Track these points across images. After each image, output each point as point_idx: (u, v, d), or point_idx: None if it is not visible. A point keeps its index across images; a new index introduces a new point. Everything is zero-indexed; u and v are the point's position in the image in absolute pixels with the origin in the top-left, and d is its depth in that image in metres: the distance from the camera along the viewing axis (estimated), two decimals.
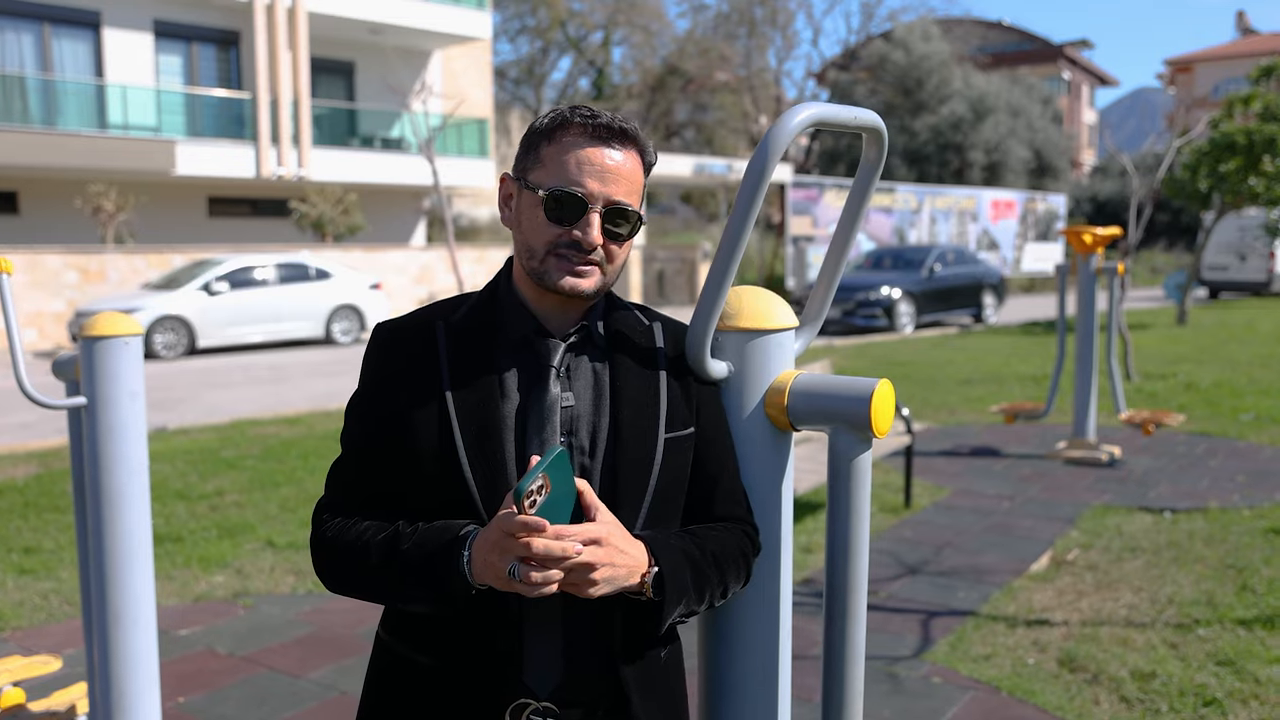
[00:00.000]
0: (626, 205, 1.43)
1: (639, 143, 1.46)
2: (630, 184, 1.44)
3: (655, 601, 1.37)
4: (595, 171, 1.41)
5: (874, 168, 1.62)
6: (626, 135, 1.44)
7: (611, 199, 1.42)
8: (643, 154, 1.47)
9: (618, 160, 1.42)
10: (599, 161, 1.41)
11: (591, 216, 1.41)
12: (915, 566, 5.18)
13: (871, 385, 1.50)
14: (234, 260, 16.59)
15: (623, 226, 1.43)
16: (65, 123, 19.85)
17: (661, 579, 1.36)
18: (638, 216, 1.45)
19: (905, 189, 28.65)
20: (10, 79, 19.50)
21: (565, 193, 1.40)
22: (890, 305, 18.31)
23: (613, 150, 1.42)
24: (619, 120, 1.43)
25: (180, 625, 4.47)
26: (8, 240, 19.54)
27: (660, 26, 44.90)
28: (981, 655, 4.08)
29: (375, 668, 1.50)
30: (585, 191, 1.40)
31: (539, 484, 1.23)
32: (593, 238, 1.40)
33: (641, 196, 1.49)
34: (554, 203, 1.41)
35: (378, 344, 1.50)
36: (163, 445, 8.28)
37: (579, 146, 1.42)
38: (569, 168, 1.41)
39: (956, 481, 6.95)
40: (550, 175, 1.42)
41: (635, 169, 1.45)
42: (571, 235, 1.41)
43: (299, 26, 22.03)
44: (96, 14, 20.56)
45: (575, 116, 1.43)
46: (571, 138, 1.42)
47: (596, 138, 1.42)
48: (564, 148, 1.42)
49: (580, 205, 1.40)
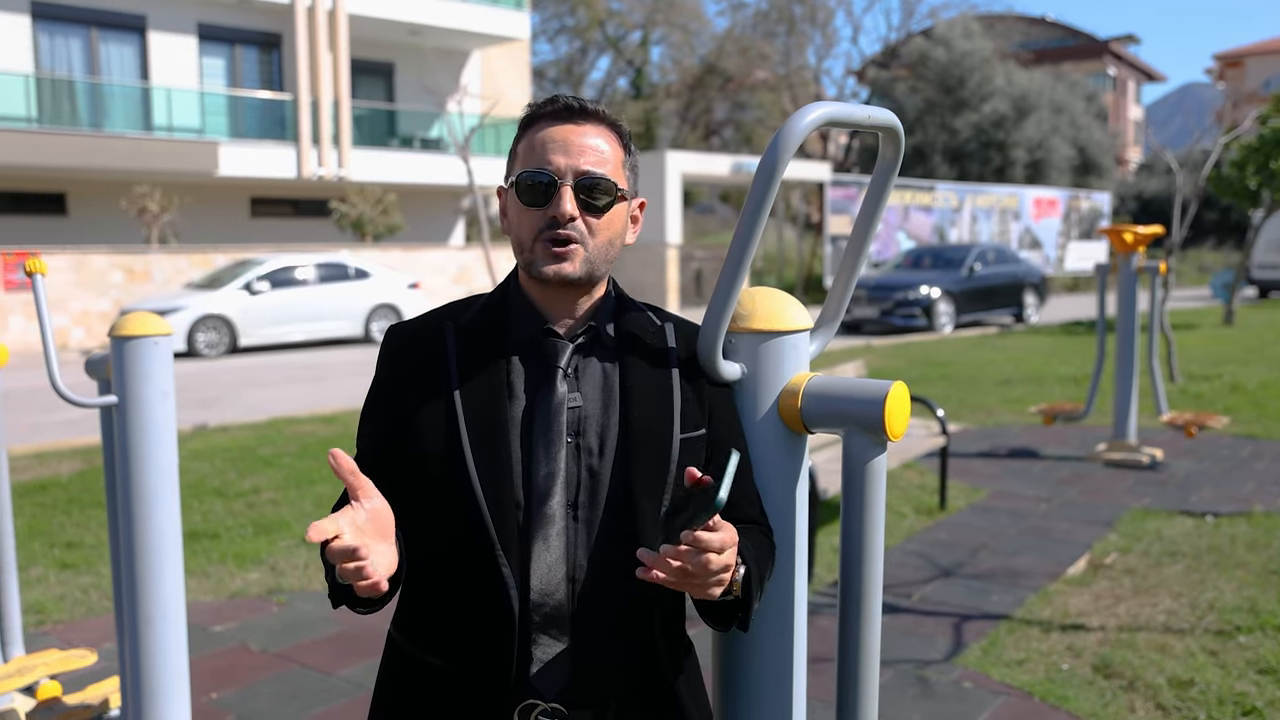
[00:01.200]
0: (598, 174, 1.41)
1: (608, 120, 1.46)
2: (601, 156, 1.43)
3: (743, 600, 1.38)
4: (559, 147, 1.41)
5: (891, 167, 1.60)
6: (588, 112, 1.44)
7: (579, 169, 1.41)
8: (617, 133, 1.47)
9: (583, 134, 1.42)
10: (562, 137, 1.42)
11: (563, 190, 1.41)
12: (949, 569, 5.13)
13: (885, 388, 1.48)
14: (275, 260, 16.78)
15: (599, 199, 1.42)
16: (112, 125, 20.19)
17: (749, 577, 1.37)
18: (616, 188, 1.43)
19: (946, 187, 28.38)
20: (59, 83, 19.86)
21: (533, 171, 1.41)
22: (929, 305, 18.14)
23: (576, 125, 1.43)
24: (580, 100, 1.44)
25: (215, 621, 4.52)
26: (56, 240, 19.90)
27: (699, 25, 44.85)
28: (1014, 660, 4.03)
29: (386, 667, 1.51)
30: (553, 167, 1.41)
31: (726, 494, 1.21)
32: (565, 209, 1.40)
33: (625, 174, 1.47)
34: (525, 184, 1.42)
35: (389, 346, 1.50)
36: (202, 443, 8.39)
37: (543, 129, 1.43)
38: (536, 151, 1.43)
39: (993, 483, 6.87)
40: (521, 164, 1.44)
41: (608, 145, 1.44)
42: (548, 213, 1.41)
43: (339, 28, 22.24)
44: (142, 18, 20.88)
45: (538, 107, 1.45)
46: (537, 125, 1.44)
47: (558, 118, 1.43)
48: (531, 137, 1.44)
49: (550, 180, 1.41)
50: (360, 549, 1.16)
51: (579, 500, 1.41)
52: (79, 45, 20.44)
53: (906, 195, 27.12)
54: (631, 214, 1.51)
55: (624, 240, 1.49)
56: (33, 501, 6.51)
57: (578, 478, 1.41)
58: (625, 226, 1.49)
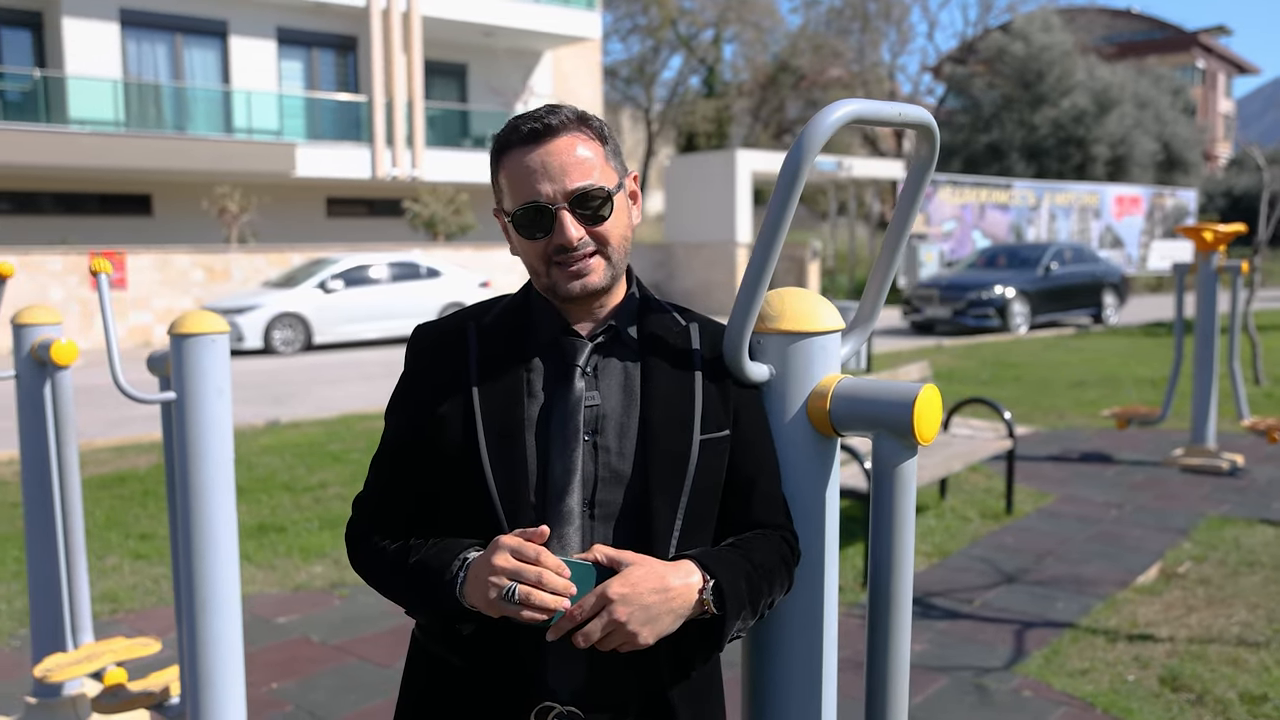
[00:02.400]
0: (586, 186, 1.40)
1: (575, 122, 1.43)
2: (582, 165, 1.41)
3: (717, 617, 1.35)
4: (542, 174, 1.39)
5: (926, 165, 1.56)
6: (554, 127, 1.41)
7: (569, 189, 1.40)
8: (588, 128, 1.44)
9: (559, 152, 1.40)
10: (541, 163, 1.40)
11: (561, 216, 1.39)
12: (1013, 575, 5.02)
13: (915, 391, 1.45)
14: (349, 259, 17.08)
15: (600, 207, 1.41)
16: (195, 128, 20.76)
17: (721, 590, 1.34)
18: (607, 191, 1.42)
19: (1023, 185, 27.81)
20: (146, 87, 20.48)
21: (525, 208, 1.40)
22: (1003, 305, 17.79)
23: (550, 145, 1.40)
24: (545, 116, 1.41)
25: (279, 613, 4.62)
26: (142, 240, 20.51)
27: (772, 23, 44.55)
28: (1078, 670, 3.93)
29: (410, 666, 1.52)
30: (543, 197, 1.39)
31: None
32: (570, 236, 1.39)
33: (611, 167, 1.45)
34: (522, 221, 1.41)
35: (414, 345, 1.52)
36: (274, 439, 8.58)
37: (519, 159, 1.41)
38: (519, 183, 1.41)
39: (1063, 488, 6.71)
40: (511, 197, 1.43)
41: (583, 149, 1.42)
42: (554, 242, 1.41)
43: (414, 30, 22.57)
44: (224, 23, 21.42)
45: (506, 134, 1.43)
46: (512, 154, 1.42)
47: (531, 142, 1.41)
48: (510, 167, 1.42)
49: (545, 212, 1.40)
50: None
51: (596, 498, 1.41)
52: (164, 51, 21.04)
53: (982, 193, 26.64)
54: (630, 193, 1.49)
55: (633, 225, 1.49)
56: (111, 494, 6.72)
57: (595, 476, 1.41)
58: (629, 212, 1.48)
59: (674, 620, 1.31)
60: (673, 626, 1.31)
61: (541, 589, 1.27)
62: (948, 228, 25.94)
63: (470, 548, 1.37)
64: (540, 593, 1.27)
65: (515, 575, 1.27)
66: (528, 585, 1.27)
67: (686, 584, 1.32)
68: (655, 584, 1.30)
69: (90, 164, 18.96)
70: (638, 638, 1.28)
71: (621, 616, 1.27)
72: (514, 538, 1.30)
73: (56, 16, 19.76)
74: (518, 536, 1.31)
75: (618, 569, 1.31)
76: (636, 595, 1.28)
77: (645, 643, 1.29)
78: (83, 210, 20.91)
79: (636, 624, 1.28)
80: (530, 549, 1.28)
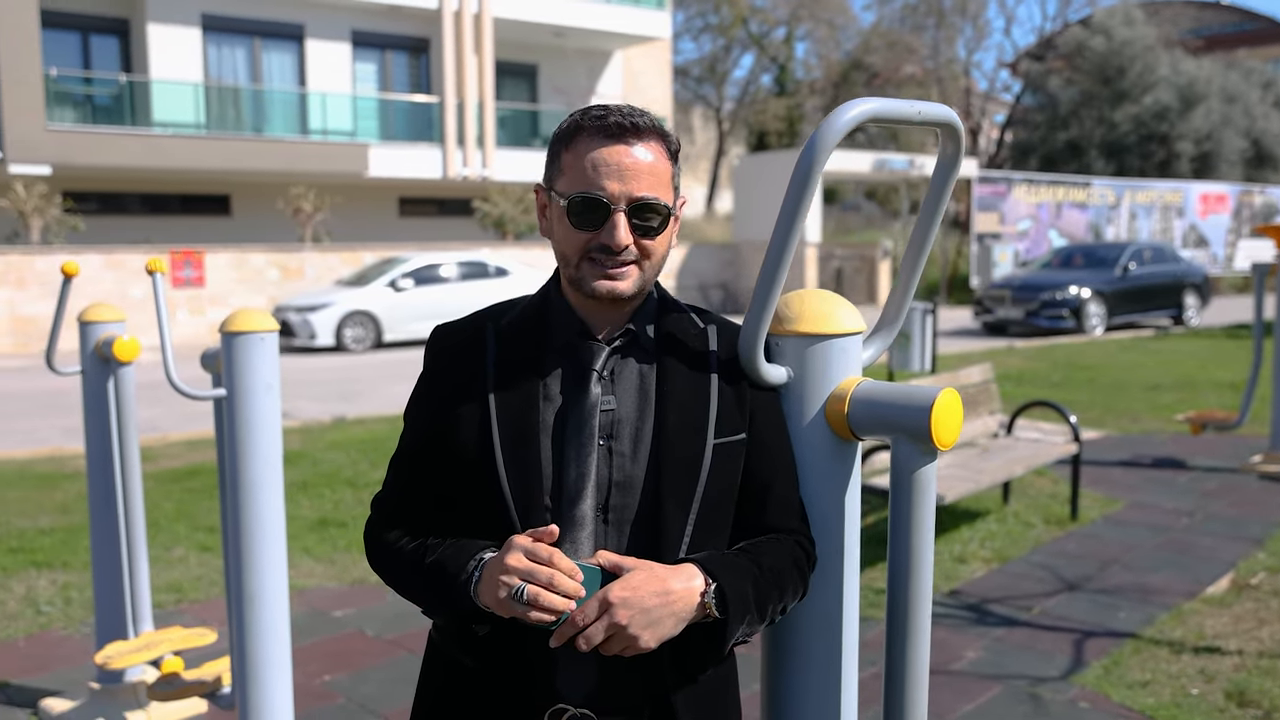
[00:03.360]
0: (651, 199, 1.39)
1: (657, 133, 1.42)
2: (653, 177, 1.40)
3: (720, 620, 1.34)
4: (613, 171, 1.38)
5: (950, 164, 1.53)
6: (640, 129, 1.40)
7: (634, 196, 1.39)
8: (665, 144, 1.43)
9: (635, 156, 1.39)
10: (615, 160, 1.38)
11: (616, 218, 1.38)
12: (1075, 583, 4.90)
13: (933, 394, 1.42)
14: (419, 258, 17.32)
15: (652, 220, 1.40)
16: (271, 129, 21.23)
17: (723, 594, 1.33)
18: (667, 209, 1.41)
19: (1102, 183, 27.15)
20: (225, 90, 21.00)
21: (586, 197, 1.38)
22: (1078, 305, 17.38)
23: (629, 146, 1.39)
24: (632, 115, 1.40)
25: (336, 607, 4.70)
26: (220, 240, 21.03)
27: (845, 20, 44.12)
28: (1138, 681, 3.82)
29: (427, 667, 1.53)
30: (606, 194, 1.38)
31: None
32: (619, 239, 1.38)
33: (672, 186, 1.45)
34: (577, 209, 1.39)
35: (433, 346, 1.53)
36: (340, 434, 8.73)
37: (594, 148, 1.39)
38: (587, 171, 1.39)
39: (1132, 494, 6.54)
40: (571, 182, 1.40)
41: (658, 161, 1.41)
42: (599, 239, 1.39)
43: (485, 32, 22.80)
44: (300, 27, 21.88)
45: (587, 119, 1.41)
46: (586, 140, 1.40)
47: (610, 136, 1.39)
48: (580, 152, 1.40)
49: (603, 208, 1.38)
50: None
51: (610, 503, 1.40)
52: (243, 54, 21.56)
53: (1059, 191, 26.07)
54: (675, 217, 1.49)
55: (671, 246, 1.48)
56: (181, 487, 6.90)
57: (609, 480, 1.41)
58: (673, 235, 1.48)
59: (676, 624, 1.30)
60: (674, 630, 1.30)
61: (552, 590, 1.27)
62: (1023, 227, 25.43)
63: (486, 549, 1.38)
64: (549, 594, 1.27)
65: (527, 575, 1.28)
66: (538, 586, 1.27)
67: (688, 587, 1.31)
68: (656, 587, 1.29)
69: (173, 165, 19.50)
70: (639, 641, 1.28)
71: (623, 620, 1.27)
72: (527, 538, 1.30)
73: (142, 23, 20.36)
74: (529, 536, 1.31)
75: (619, 574, 1.31)
76: (637, 599, 1.28)
77: (647, 646, 1.29)
78: (166, 210, 21.52)
79: (637, 627, 1.27)
80: (543, 550, 1.28)
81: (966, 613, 4.55)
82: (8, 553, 5.50)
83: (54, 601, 4.79)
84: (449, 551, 1.40)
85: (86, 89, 20.36)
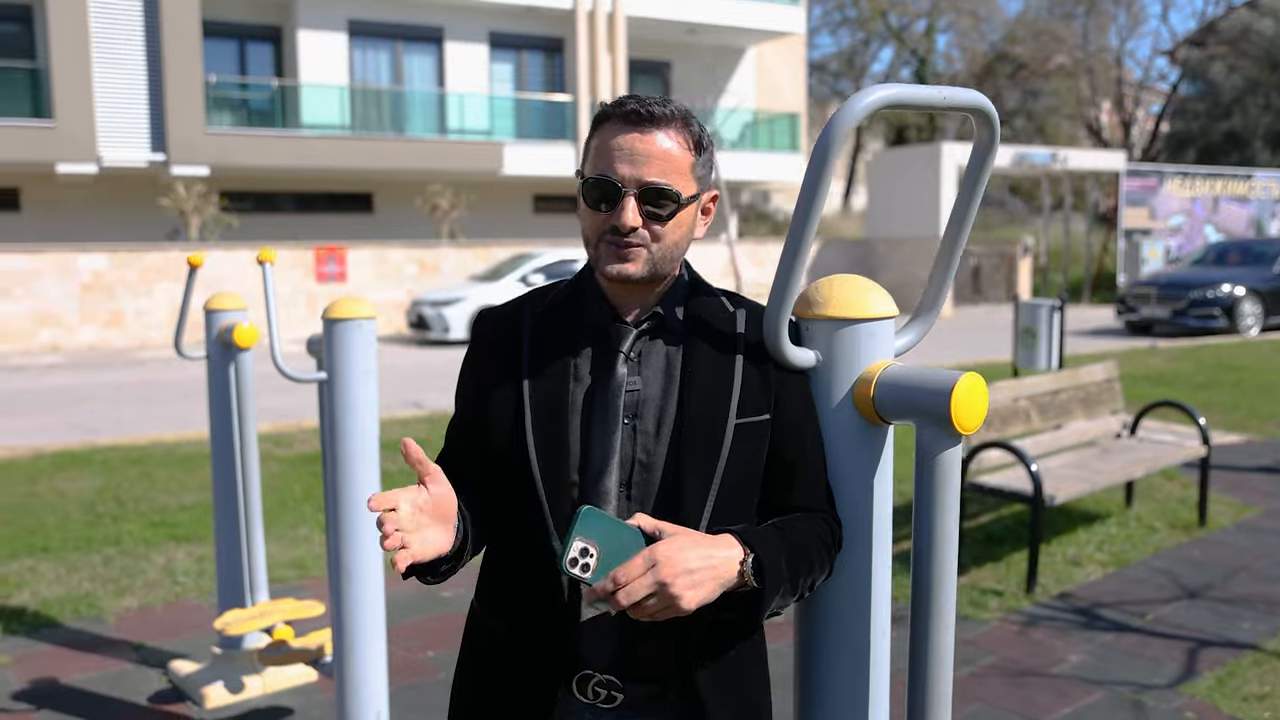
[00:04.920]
0: (661, 185, 1.42)
1: (678, 122, 1.45)
2: (666, 164, 1.43)
3: (756, 590, 1.37)
4: (626, 156, 1.43)
5: (985, 151, 1.52)
6: (656, 117, 1.43)
7: (644, 180, 1.42)
8: (687, 133, 1.46)
9: (650, 142, 1.43)
10: (628, 146, 1.43)
11: (625, 200, 1.43)
12: (1196, 590, 4.70)
13: (954, 378, 1.42)
14: (550, 254, 17.66)
15: (664, 206, 1.43)
16: (412, 129, 21.96)
17: (760, 564, 1.36)
18: (679, 195, 1.44)
19: (1266, 175, 25.65)
20: (369, 92, 21.83)
21: (597, 179, 1.44)
22: (1231, 304, 16.49)
23: (643, 133, 1.43)
24: (651, 104, 1.44)
25: (445, 587, 4.87)
26: (362, 237, 21.89)
27: (988, 11, 42.83)
28: (1254, 694, 3.65)
29: (466, 633, 1.61)
30: (617, 176, 1.43)
31: (579, 549, 1.29)
32: (626, 220, 1.42)
33: (693, 176, 1.47)
34: (591, 190, 1.45)
35: (476, 327, 1.60)
36: None
37: (613, 134, 1.44)
38: (604, 156, 1.44)
39: (1269, 501, 6.20)
40: (591, 166, 1.46)
41: (675, 148, 1.44)
42: (611, 221, 1.44)
43: (618, 30, 23.05)
44: (440, 29, 22.56)
45: (611, 108, 1.46)
46: (609, 128, 1.45)
47: (628, 123, 1.44)
48: (603, 139, 1.45)
49: (613, 190, 1.43)
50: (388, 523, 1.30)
51: (633, 480, 1.45)
52: (386, 58, 22.37)
53: (1217, 185, 24.76)
54: (702, 208, 1.52)
55: (693, 236, 1.51)
56: (310, 470, 7.24)
57: (633, 459, 1.46)
58: (694, 224, 1.51)
59: (716, 588, 1.32)
60: (714, 594, 1.32)
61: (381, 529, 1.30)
62: (1175, 222, 24.26)
63: None
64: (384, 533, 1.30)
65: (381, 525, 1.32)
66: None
67: (729, 555, 1.34)
68: (701, 551, 1.32)
69: (319, 165, 20.39)
70: (680, 600, 1.29)
71: (667, 577, 1.28)
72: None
73: (293, 30, 21.35)
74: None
75: (660, 538, 1.34)
76: (683, 559, 1.30)
77: (687, 607, 1.30)
78: (313, 208, 22.51)
79: (681, 586, 1.28)
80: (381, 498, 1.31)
81: (1074, 616, 4.42)
82: (151, 527, 5.89)
83: (189, 573, 5.12)
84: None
85: (242, 94, 21.47)
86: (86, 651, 4.19)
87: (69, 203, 20.34)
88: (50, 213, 20.19)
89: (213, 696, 3.66)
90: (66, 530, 5.85)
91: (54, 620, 4.52)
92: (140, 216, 20.50)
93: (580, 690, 1.49)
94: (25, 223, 20.00)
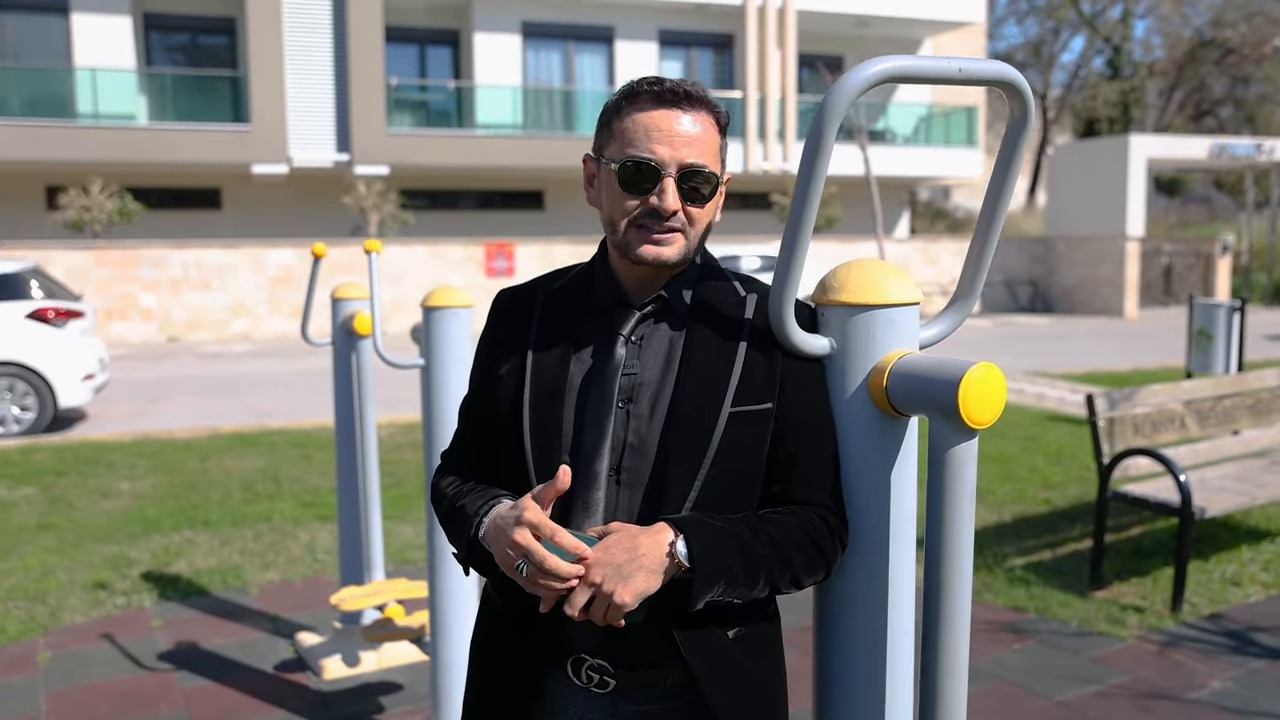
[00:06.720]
0: (701, 166, 1.40)
1: (709, 104, 1.43)
2: (703, 146, 1.41)
3: (688, 576, 1.33)
4: (664, 137, 1.40)
5: (1019, 126, 1.42)
6: (692, 98, 1.41)
7: (684, 162, 1.40)
8: (715, 116, 1.44)
9: (687, 123, 1.40)
10: (667, 126, 1.40)
11: (666, 182, 1.40)
12: None
13: (963, 368, 1.32)
14: (717, 250, 17.66)
15: (702, 188, 1.41)
16: (581, 128, 22.37)
17: (690, 546, 1.32)
18: (716, 177, 1.42)
19: None
20: (541, 92, 22.37)
21: (636, 161, 1.40)
22: None
23: (681, 113, 1.41)
24: (683, 85, 1.41)
25: None
26: (532, 233, 22.46)
27: None
28: None
29: (481, 604, 1.62)
30: (657, 158, 1.39)
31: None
32: (668, 203, 1.39)
33: (720, 158, 1.45)
34: (628, 173, 1.41)
35: (493, 308, 1.61)
36: None
37: (645, 113, 1.41)
38: (639, 136, 1.41)
39: None
40: (622, 147, 1.42)
41: (707, 131, 1.42)
42: (649, 204, 1.41)
43: (788, 26, 22.82)
44: (611, 29, 22.89)
45: (640, 86, 1.43)
46: (639, 107, 1.42)
47: (663, 103, 1.41)
48: (633, 118, 1.42)
49: (653, 172, 1.40)
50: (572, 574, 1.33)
51: (623, 464, 1.43)
52: (558, 58, 22.86)
53: None
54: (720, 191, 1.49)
55: (715, 219, 1.49)
56: None
57: (624, 443, 1.43)
58: (717, 207, 1.48)
59: (646, 577, 1.30)
60: (647, 584, 1.30)
61: (544, 571, 1.30)
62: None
63: (497, 500, 1.44)
64: (542, 578, 1.30)
65: (526, 554, 1.31)
66: (534, 567, 1.31)
67: (655, 540, 1.31)
68: (626, 544, 1.31)
69: (493, 164, 21.04)
70: (614, 597, 1.28)
71: (596, 578, 1.29)
72: (536, 509, 1.32)
73: (470, 33, 22.09)
74: (535, 502, 1.33)
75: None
76: (608, 557, 1.30)
77: (624, 602, 1.28)
78: (486, 206, 23.24)
79: (610, 583, 1.28)
80: (547, 528, 1.31)
81: (1224, 639, 4.09)
82: (301, 506, 6.21)
83: (329, 551, 5.37)
84: (470, 498, 1.48)
85: (421, 95, 22.37)
86: (228, 619, 4.45)
87: (262, 201, 21.68)
88: (246, 211, 21.59)
89: (330, 668, 3.82)
90: (226, 506, 6.23)
91: (204, 589, 4.82)
92: (326, 213, 21.67)
93: (575, 673, 1.48)
94: (225, 220, 21.46)
